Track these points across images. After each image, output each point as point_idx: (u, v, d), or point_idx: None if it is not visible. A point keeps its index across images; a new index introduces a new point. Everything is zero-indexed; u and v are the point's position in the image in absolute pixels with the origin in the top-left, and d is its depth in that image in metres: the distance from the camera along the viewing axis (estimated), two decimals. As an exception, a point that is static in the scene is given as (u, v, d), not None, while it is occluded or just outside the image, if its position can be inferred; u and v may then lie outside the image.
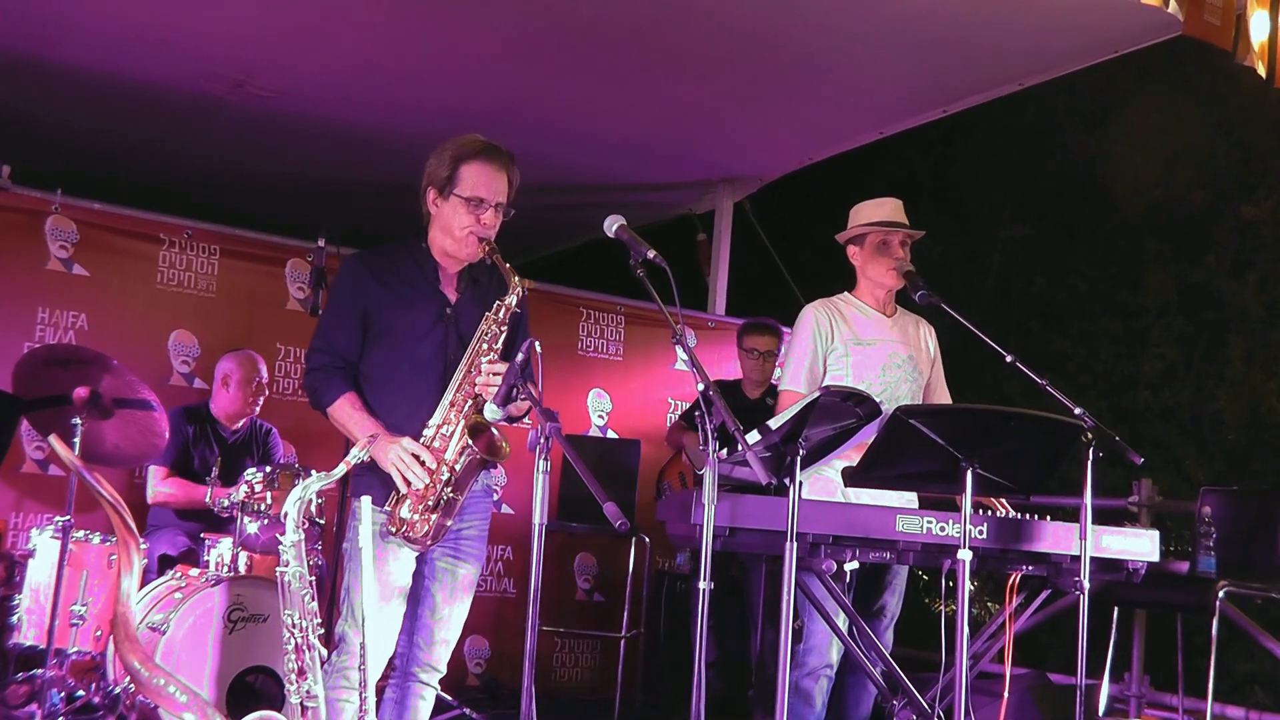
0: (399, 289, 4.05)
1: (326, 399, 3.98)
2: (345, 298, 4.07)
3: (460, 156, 4.01)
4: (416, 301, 4.06)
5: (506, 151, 4.08)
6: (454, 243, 4.05)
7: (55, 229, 6.59)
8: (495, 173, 4.03)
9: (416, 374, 4.00)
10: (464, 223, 4.00)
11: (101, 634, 5.43)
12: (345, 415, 3.95)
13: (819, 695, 4.64)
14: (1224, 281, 13.27)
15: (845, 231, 5.01)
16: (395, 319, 4.03)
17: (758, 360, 7.33)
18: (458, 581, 4.07)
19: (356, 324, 4.03)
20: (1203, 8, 5.26)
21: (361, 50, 7.04)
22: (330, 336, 4.05)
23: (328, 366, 4.02)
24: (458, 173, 4.00)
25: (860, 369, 4.81)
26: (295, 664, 3.54)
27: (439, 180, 4.03)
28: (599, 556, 8.13)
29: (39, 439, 6.32)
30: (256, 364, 6.50)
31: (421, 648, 4.06)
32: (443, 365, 4.01)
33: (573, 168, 8.82)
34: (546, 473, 3.46)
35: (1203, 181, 13.41)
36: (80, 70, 7.38)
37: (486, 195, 4.01)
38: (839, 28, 6.42)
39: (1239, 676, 10.84)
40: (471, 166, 4.00)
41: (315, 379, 4.02)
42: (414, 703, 4.08)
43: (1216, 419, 13.08)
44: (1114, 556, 4.48)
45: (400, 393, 3.99)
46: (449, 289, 4.12)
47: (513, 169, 4.09)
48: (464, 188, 4.00)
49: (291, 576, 3.56)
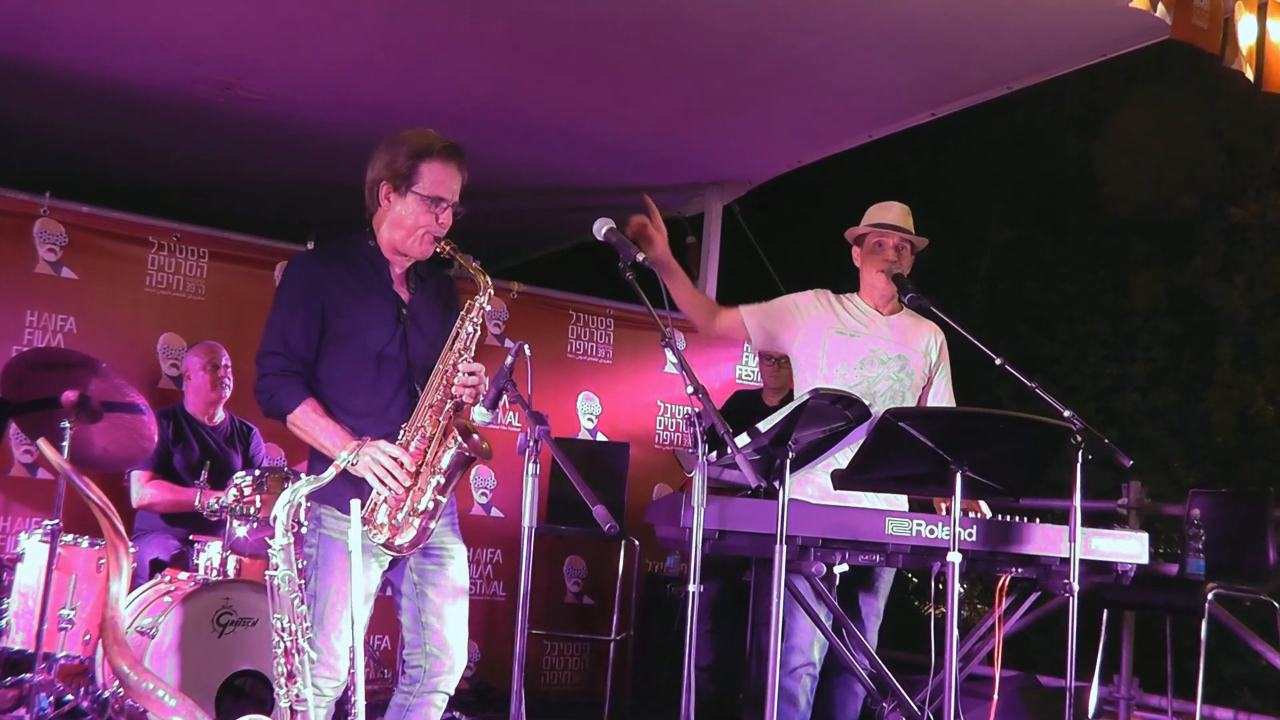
0: (356, 289, 3.94)
1: (287, 405, 3.81)
2: (299, 297, 3.90)
3: (420, 153, 3.90)
4: (375, 302, 3.96)
5: (461, 148, 3.98)
6: (408, 240, 3.95)
7: (44, 232, 6.58)
8: (455, 172, 3.95)
9: (382, 376, 3.92)
10: (422, 222, 3.91)
11: (90, 638, 5.41)
12: (310, 422, 3.81)
13: (802, 695, 4.63)
14: (1212, 284, 13.28)
15: (853, 229, 5.04)
16: (356, 320, 3.92)
17: (774, 366, 7.34)
18: (451, 580, 4.02)
19: (314, 325, 3.89)
20: (1190, 11, 5.27)
21: (351, 53, 7.04)
22: (285, 339, 3.88)
23: (284, 371, 3.85)
24: (418, 170, 3.89)
25: (835, 357, 4.81)
26: (284, 668, 3.53)
27: (396, 175, 3.91)
28: (588, 559, 8.13)
29: (27, 442, 6.32)
30: (217, 351, 6.51)
31: (437, 656, 3.98)
32: (405, 365, 3.94)
33: (562, 171, 8.83)
34: (536, 476, 3.46)
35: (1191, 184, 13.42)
36: (69, 72, 7.37)
37: (446, 195, 3.92)
38: (828, 31, 6.43)
39: (1228, 678, 10.85)
40: (433, 165, 3.90)
41: (271, 384, 3.85)
42: (429, 712, 4.01)
43: (1205, 421, 13.10)
44: (1103, 559, 4.49)
45: (366, 396, 3.90)
46: (401, 288, 4.02)
47: (465, 167, 3.99)
48: (423, 185, 3.89)
49: (280, 580, 3.55)
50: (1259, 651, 6.80)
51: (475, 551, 7.60)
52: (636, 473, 7.62)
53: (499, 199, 9.40)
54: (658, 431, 8.48)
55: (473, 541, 7.49)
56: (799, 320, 4.90)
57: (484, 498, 7.64)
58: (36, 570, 5.34)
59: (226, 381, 6.48)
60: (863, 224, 5.02)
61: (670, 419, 8.52)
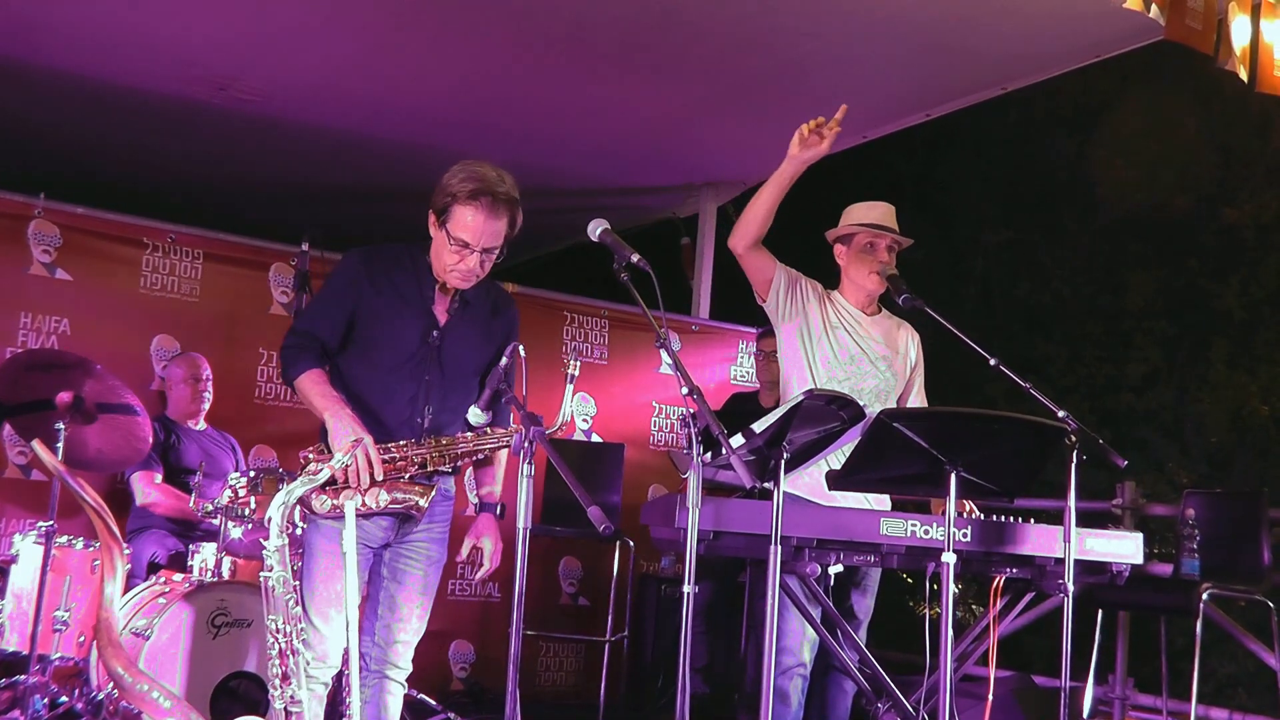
0: (391, 299, 4.00)
1: (295, 370, 3.92)
2: (336, 293, 4.02)
3: (456, 193, 3.86)
4: (408, 316, 4.01)
5: (508, 194, 3.88)
6: (441, 272, 3.99)
7: (38, 233, 6.57)
8: (488, 219, 3.85)
9: (388, 386, 3.98)
10: (448, 261, 3.92)
11: (85, 639, 5.40)
12: (310, 386, 3.89)
13: (794, 694, 4.63)
14: (1207, 284, 13.32)
15: (835, 229, 5.01)
16: (383, 330, 3.99)
17: (765, 360, 7.34)
18: (418, 583, 4.09)
19: (342, 319, 3.99)
20: (1184, 12, 5.27)
21: (345, 55, 7.04)
22: (313, 322, 4.03)
23: (302, 344, 3.96)
24: (451, 209, 3.87)
25: (826, 354, 4.80)
26: (279, 669, 3.53)
27: (437, 207, 3.92)
28: (583, 560, 8.13)
29: (22, 444, 6.31)
30: (198, 363, 6.58)
31: (383, 647, 4.06)
32: (415, 389, 3.98)
33: (556, 172, 8.82)
34: (531, 476, 3.46)
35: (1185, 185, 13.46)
36: (63, 74, 7.36)
37: (472, 241, 3.87)
38: (822, 32, 6.43)
39: (1222, 678, 10.88)
40: (465, 208, 3.85)
41: (288, 352, 3.97)
42: (385, 699, 4.07)
43: (1199, 422, 13.13)
44: (1098, 559, 4.49)
45: (369, 398, 3.97)
46: (440, 308, 4.05)
47: (514, 210, 3.91)
48: (453, 226, 3.87)
49: (275, 581, 3.55)
50: (1253, 651, 6.81)
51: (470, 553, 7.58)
52: (631, 474, 7.62)
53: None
54: (653, 432, 8.47)
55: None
56: (809, 308, 4.86)
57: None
58: (31, 572, 5.33)
59: (206, 394, 6.58)
60: (847, 223, 4.98)
61: (665, 420, 8.51)
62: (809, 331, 4.84)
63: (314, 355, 3.95)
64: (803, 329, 4.85)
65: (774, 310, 4.89)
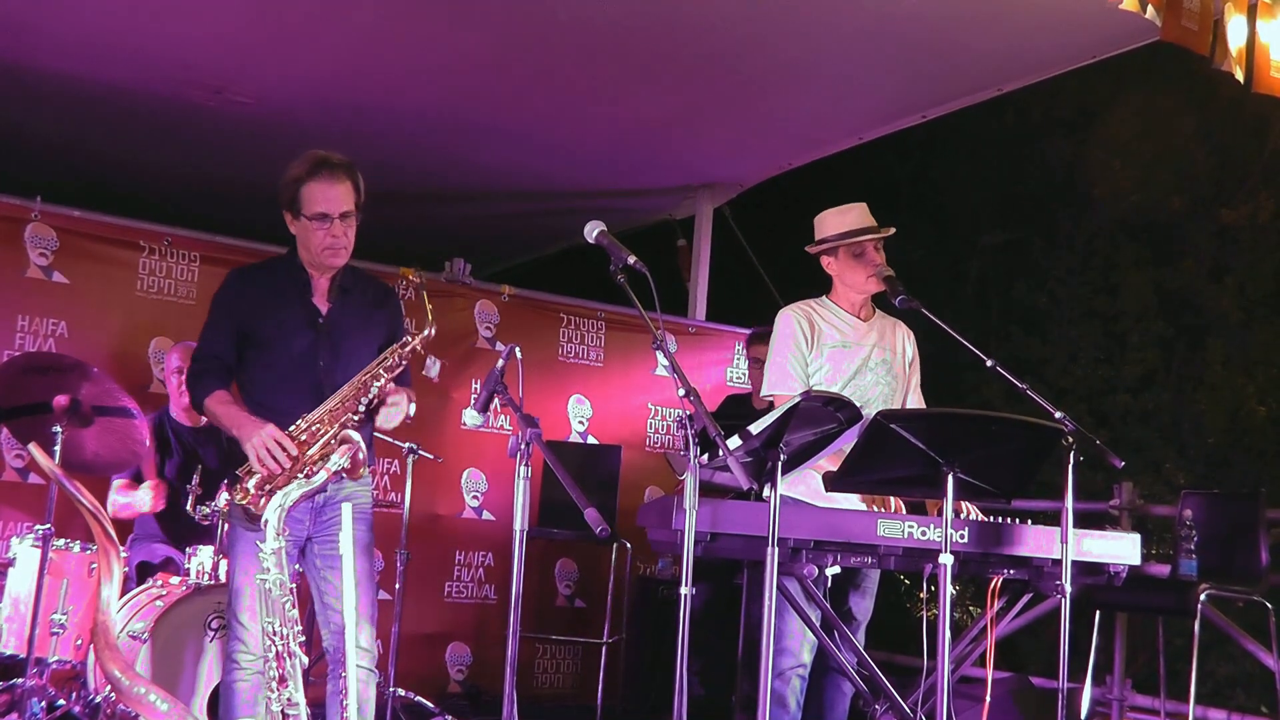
0: (272, 302, 4.30)
1: (201, 394, 4.23)
2: (222, 309, 4.36)
3: (298, 178, 4.23)
4: (289, 314, 4.29)
5: (341, 160, 4.26)
6: (316, 259, 4.28)
7: (35, 236, 6.57)
8: (332, 185, 4.22)
9: (288, 382, 4.24)
10: (317, 243, 4.24)
11: (82, 642, 5.40)
12: (215, 407, 4.19)
13: (792, 696, 4.64)
14: (1203, 285, 13.32)
15: (814, 244, 4.98)
16: (273, 330, 4.27)
17: (761, 369, 7.33)
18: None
19: (231, 333, 4.30)
20: (1180, 13, 5.27)
21: (340, 58, 7.05)
22: (209, 344, 4.34)
23: (205, 369, 4.28)
24: (299, 195, 4.23)
25: (835, 373, 4.81)
26: (276, 671, 3.53)
27: (288, 205, 4.27)
28: (580, 562, 8.12)
29: (19, 447, 6.30)
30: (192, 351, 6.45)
31: (337, 633, 4.14)
32: (316, 374, 4.24)
33: (552, 174, 8.83)
34: (527, 479, 3.47)
35: (1181, 186, 13.46)
36: (60, 77, 7.36)
37: (329, 209, 4.20)
38: (818, 34, 6.44)
39: (1220, 679, 10.88)
40: (310, 186, 4.21)
41: (191, 379, 4.32)
42: (358, 688, 4.08)
43: (1196, 423, 13.12)
44: (1095, 560, 4.50)
45: (274, 399, 4.20)
46: (320, 300, 4.35)
47: (353, 174, 4.27)
48: (308, 207, 4.21)
49: (272, 584, 3.55)
50: (1251, 652, 6.82)
51: (466, 555, 7.60)
52: (628, 475, 7.61)
53: (490, 203, 9.40)
54: (649, 434, 8.47)
55: (464, 545, 7.56)
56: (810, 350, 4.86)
57: (475, 501, 7.62)
58: (28, 575, 5.32)
59: None
60: (827, 234, 4.94)
61: (662, 422, 8.51)
62: (812, 366, 4.83)
63: (217, 377, 4.27)
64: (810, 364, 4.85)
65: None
